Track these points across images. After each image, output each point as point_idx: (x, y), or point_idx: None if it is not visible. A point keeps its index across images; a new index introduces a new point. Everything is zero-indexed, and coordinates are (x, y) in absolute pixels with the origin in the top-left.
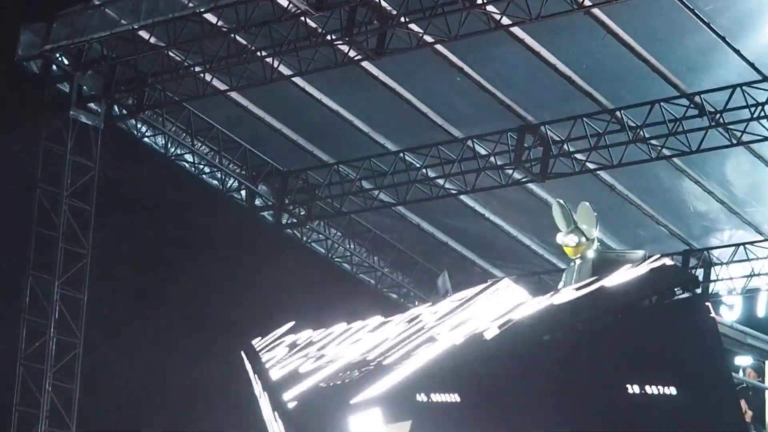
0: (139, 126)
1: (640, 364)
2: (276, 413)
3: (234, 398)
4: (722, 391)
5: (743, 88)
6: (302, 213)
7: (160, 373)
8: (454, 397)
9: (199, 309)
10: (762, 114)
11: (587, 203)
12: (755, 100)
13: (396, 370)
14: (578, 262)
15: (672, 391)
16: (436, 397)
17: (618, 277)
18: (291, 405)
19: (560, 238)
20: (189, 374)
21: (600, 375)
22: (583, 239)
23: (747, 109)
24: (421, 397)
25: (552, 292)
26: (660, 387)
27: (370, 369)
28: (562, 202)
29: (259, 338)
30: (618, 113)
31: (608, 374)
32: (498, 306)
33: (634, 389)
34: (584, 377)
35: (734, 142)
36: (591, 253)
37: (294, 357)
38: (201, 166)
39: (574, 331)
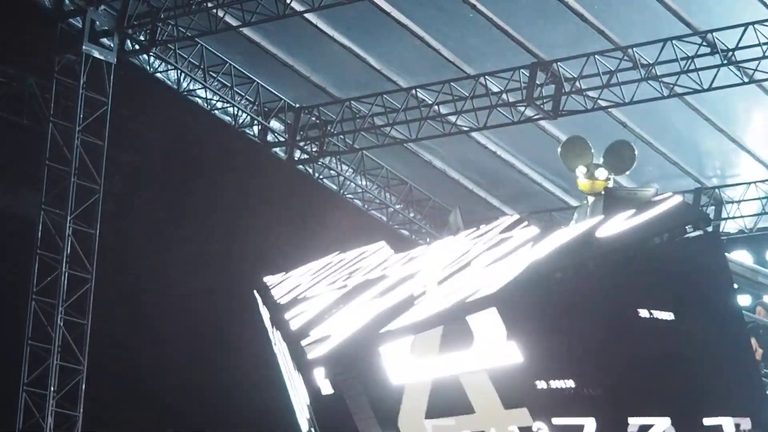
0: (151, 61)
1: (651, 301)
2: (290, 352)
3: (246, 333)
4: (733, 329)
5: (755, 26)
6: (314, 149)
7: (172, 308)
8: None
9: (211, 243)
10: None
11: (632, 144)
12: (767, 38)
13: (417, 308)
14: (591, 199)
15: (682, 328)
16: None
17: (629, 215)
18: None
19: (583, 171)
20: (201, 308)
21: (611, 311)
22: (610, 176)
23: (759, 47)
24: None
25: (563, 230)
26: (670, 324)
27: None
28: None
29: (270, 277)
30: (630, 51)
31: (619, 310)
32: (510, 243)
33: (644, 326)
34: (595, 312)
35: (746, 80)
36: (605, 190)
37: (309, 299)
38: (213, 102)
39: (586, 269)
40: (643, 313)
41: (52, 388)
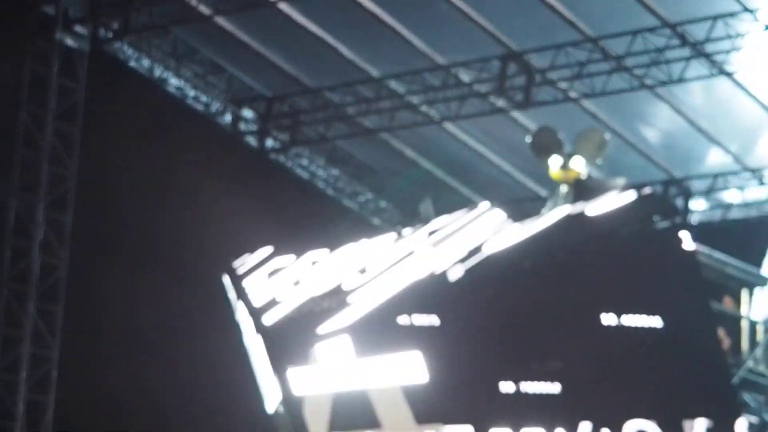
0: (124, 49)
1: (620, 292)
2: (259, 335)
3: (216, 318)
4: (701, 321)
5: (726, 19)
6: (286, 138)
7: (143, 294)
8: (434, 320)
9: (183, 230)
10: (742, 45)
11: (601, 130)
12: (736, 30)
13: (375, 295)
14: (564, 189)
15: (650, 319)
16: (417, 320)
17: (599, 205)
18: (271, 329)
19: (558, 161)
20: (170, 296)
21: (580, 302)
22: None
23: (728, 40)
24: (404, 320)
25: (534, 219)
26: (639, 315)
27: (348, 295)
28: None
29: (239, 261)
30: (600, 42)
31: (588, 301)
32: (480, 231)
33: (612, 317)
34: (564, 303)
35: (715, 72)
36: (576, 181)
37: (274, 282)
38: (186, 90)
39: (555, 259)
40: (610, 308)
41: (24, 374)
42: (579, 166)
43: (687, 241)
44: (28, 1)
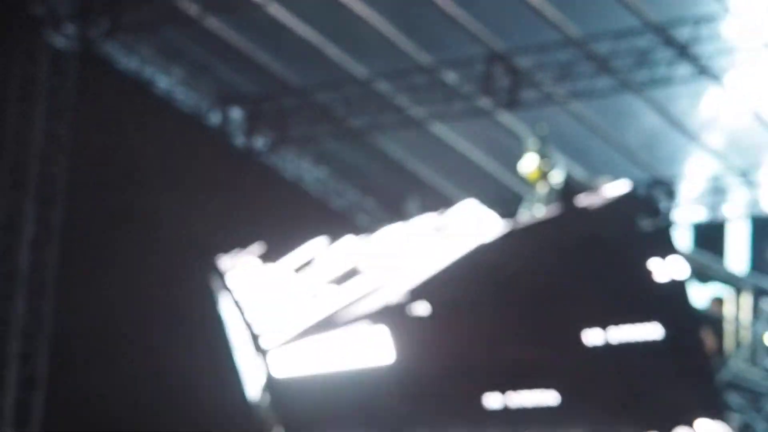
0: (113, 49)
1: (604, 295)
2: (247, 334)
3: (202, 319)
4: (685, 325)
5: (710, 23)
6: (273, 139)
7: (131, 292)
8: (427, 311)
9: (171, 232)
10: (726, 47)
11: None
12: (720, 33)
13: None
14: (542, 189)
15: (635, 322)
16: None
17: (583, 206)
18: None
19: (534, 163)
20: (159, 293)
21: (565, 303)
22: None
23: (712, 43)
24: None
25: (517, 220)
26: (623, 321)
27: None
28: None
29: (226, 259)
30: (586, 44)
31: (573, 303)
32: (465, 231)
33: (596, 322)
34: (550, 305)
35: (701, 74)
36: (556, 181)
37: (261, 280)
38: (173, 91)
39: (541, 260)
40: (593, 314)
41: (13, 371)
42: (546, 166)
43: (671, 243)
44: (16, 1)
